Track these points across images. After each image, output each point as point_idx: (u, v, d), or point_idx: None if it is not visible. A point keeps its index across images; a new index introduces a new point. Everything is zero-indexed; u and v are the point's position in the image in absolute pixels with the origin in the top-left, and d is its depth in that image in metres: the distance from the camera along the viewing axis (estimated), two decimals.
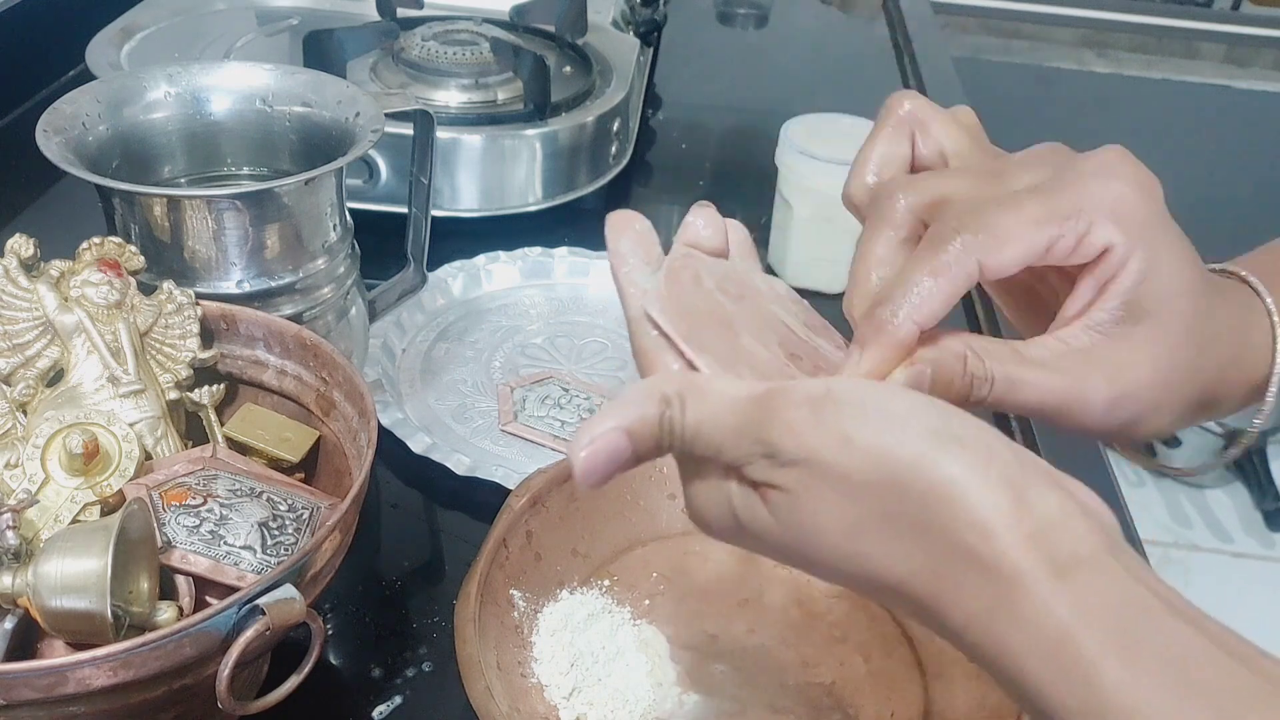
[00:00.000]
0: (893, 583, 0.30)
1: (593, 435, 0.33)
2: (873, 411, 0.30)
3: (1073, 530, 0.28)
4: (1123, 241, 0.34)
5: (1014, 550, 0.28)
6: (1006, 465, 0.29)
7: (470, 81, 0.89)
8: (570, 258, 0.85)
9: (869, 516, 0.30)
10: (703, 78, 1.30)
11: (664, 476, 0.60)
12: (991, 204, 0.35)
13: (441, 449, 0.65)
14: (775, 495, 0.31)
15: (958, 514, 0.28)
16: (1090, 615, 0.27)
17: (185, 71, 0.61)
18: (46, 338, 0.52)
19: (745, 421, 0.31)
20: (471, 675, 0.46)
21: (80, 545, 0.42)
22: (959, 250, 0.34)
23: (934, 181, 0.38)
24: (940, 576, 0.29)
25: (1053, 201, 0.34)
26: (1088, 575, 0.28)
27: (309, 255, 0.59)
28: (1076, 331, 0.35)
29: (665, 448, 0.33)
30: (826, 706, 0.51)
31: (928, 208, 0.37)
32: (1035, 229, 0.34)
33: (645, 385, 0.33)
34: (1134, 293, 0.35)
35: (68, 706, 0.39)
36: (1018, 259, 0.34)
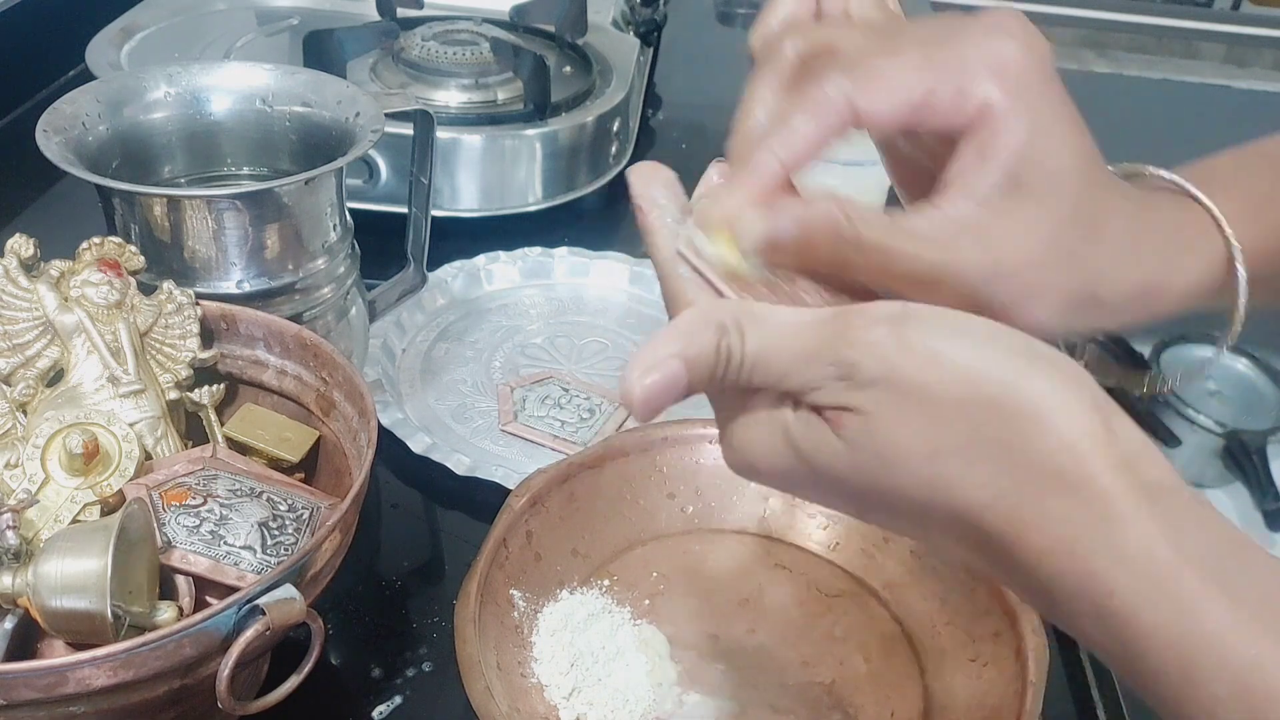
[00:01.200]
0: (969, 511, 0.29)
1: (650, 363, 0.31)
2: (959, 330, 0.29)
3: (1156, 460, 0.28)
4: (1002, 99, 0.32)
5: (1107, 473, 0.27)
6: (1094, 391, 0.28)
7: (470, 81, 0.89)
8: (570, 258, 0.85)
9: (954, 438, 0.28)
10: (703, 78, 1.30)
11: (663, 476, 0.60)
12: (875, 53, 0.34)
13: (441, 449, 0.65)
14: (849, 419, 0.29)
15: (1049, 434, 0.28)
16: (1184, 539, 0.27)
17: (185, 71, 0.61)
18: (46, 338, 0.52)
19: (815, 343, 0.30)
20: (471, 675, 0.46)
21: (80, 545, 0.42)
22: (831, 89, 0.33)
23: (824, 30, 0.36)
24: (1024, 500, 0.28)
25: (933, 51, 0.33)
26: (1177, 503, 0.28)
27: (309, 255, 0.59)
28: (955, 199, 0.33)
29: (719, 378, 0.31)
30: (826, 706, 0.51)
31: (814, 54, 0.35)
32: (911, 74, 0.33)
33: (698, 312, 0.31)
34: (1016, 160, 0.33)
35: (68, 706, 0.39)
36: (892, 104, 0.33)
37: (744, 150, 0.35)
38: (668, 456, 0.60)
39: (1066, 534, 0.28)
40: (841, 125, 0.33)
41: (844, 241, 0.33)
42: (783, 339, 0.30)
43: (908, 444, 0.29)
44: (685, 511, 0.60)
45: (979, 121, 0.33)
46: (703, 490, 0.60)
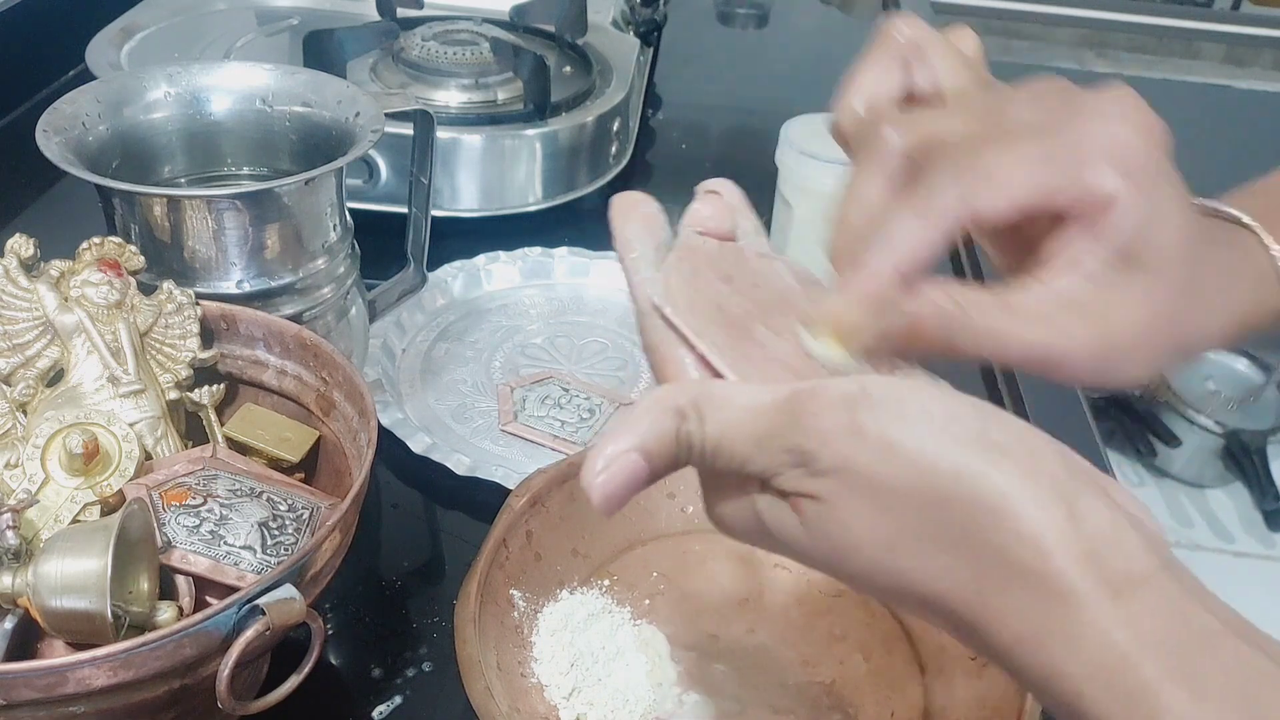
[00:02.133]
0: (933, 599, 0.29)
1: (607, 458, 0.31)
2: (912, 415, 0.28)
3: (1126, 547, 0.27)
4: (1124, 189, 0.32)
5: (1069, 569, 0.26)
6: (1055, 476, 0.27)
7: (470, 81, 0.89)
8: (570, 258, 0.85)
9: (909, 529, 0.28)
10: (703, 78, 1.30)
11: None
12: (987, 145, 0.32)
13: (441, 449, 0.65)
14: (808, 505, 0.29)
15: (1007, 529, 0.27)
16: (1150, 639, 0.26)
17: (185, 71, 0.61)
18: (46, 338, 0.52)
19: (772, 429, 0.29)
20: (471, 675, 0.46)
21: (80, 545, 0.42)
22: (949, 193, 0.32)
23: (928, 118, 0.35)
24: (986, 594, 0.27)
25: (1048, 143, 0.32)
26: (1145, 596, 0.26)
27: (309, 255, 0.59)
28: (1065, 279, 0.33)
29: (684, 463, 0.31)
30: (826, 706, 0.51)
31: (920, 147, 0.34)
32: (1028, 172, 0.32)
33: (657, 398, 0.31)
34: (1131, 242, 0.32)
35: (68, 706, 0.39)
36: (1013, 205, 0.32)
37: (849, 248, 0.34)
38: None
39: (1032, 630, 0.27)
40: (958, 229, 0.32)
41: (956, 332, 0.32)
42: (740, 424, 0.30)
43: (862, 533, 0.29)
44: (685, 511, 0.60)
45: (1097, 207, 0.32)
46: None
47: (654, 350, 0.34)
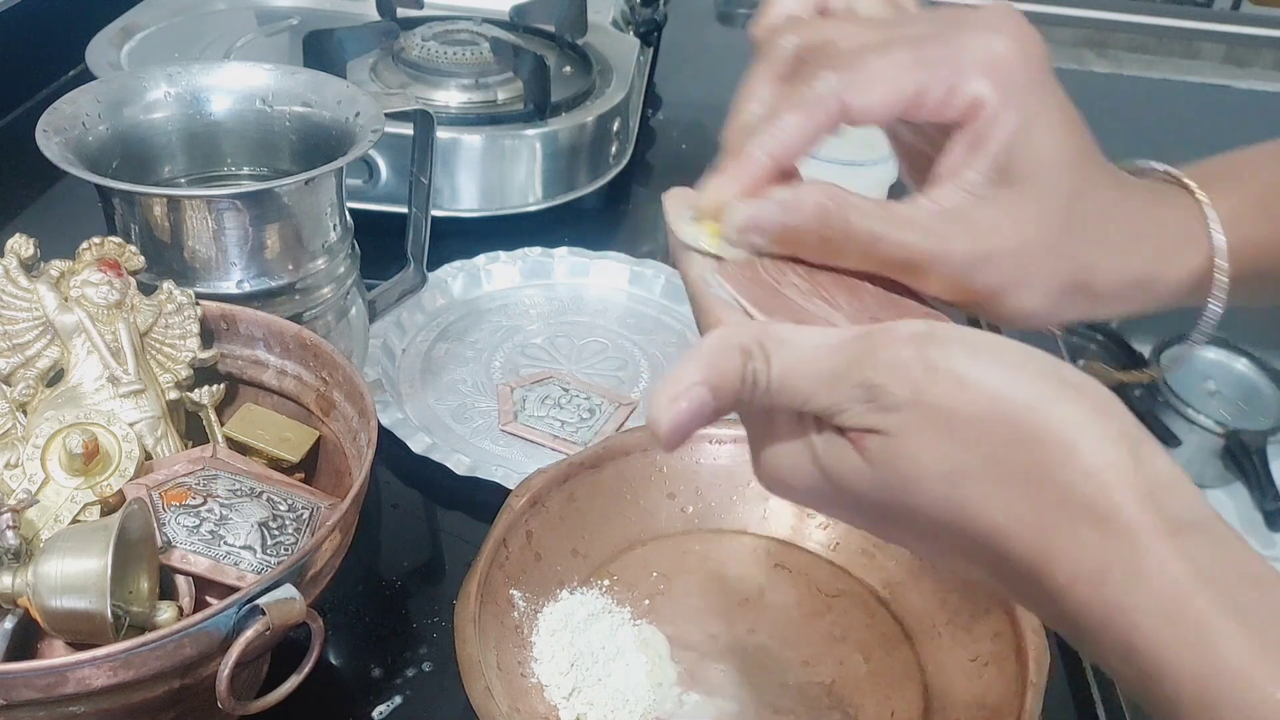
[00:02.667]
0: (994, 535, 0.29)
1: (676, 392, 0.31)
2: (985, 352, 0.29)
3: (1185, 492, 0.28)
4: (994, 97, 0.33)
5: (1132, 505, 0.27)
6: (1123, 419, 0.28)
7: (470, 81, 0.89)
8: (570, 258, 0.85)
9: (978, 461, 0.28)
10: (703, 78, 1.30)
11: (663, 476, 0.60)
12: (868, 49, 0.34)
13: (441, 449, 0.65)
14: (873, 440, 0.29)
15: (1075, 463, 0.27)
16: (1206, 574, 0.26)
17: (185, 71, 0.61)
18: (46, 338, 0.52)
19: (840, 365, 0.30)
20: (471, 675, 0.46)
21: (80, 545, 0.42)
22: (822, 87, 0.33)
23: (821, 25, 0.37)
24: (1048, 528, 0.28)
25: (925, 49, 0.33)
26: (1200, 537, 0.27)
27: (309, 255, 0.59)
28: (947, 190, 0.34)
29: (746, 402, 0.31)
30: (826, 706, 0.51)
31: (810, 49, 0.35)
32: (902, 71, 0.33)
33: (720, 336, 0.31)
34: (1005, 153, 0.33)
35: (68, 706, 0.39)
36: (881, 101, 0.33)
37: (736, 141, 0.35)
38: (668, 456, 0.60)
39: (1093, 566, 0.27)
40: (831, 122, 0.34)
41: (831, 228, 0.33)
42: (807, 362, 0.30)
43: (931, 465, 0.29)
44: (685, 511, 0.60)
45: (970, 116, 0.33)
46: (703, 490, 0.60)
47: (706, 314, 0.34)
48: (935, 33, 0.34)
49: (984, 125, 0.33)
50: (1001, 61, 0.33)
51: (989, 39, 0.33)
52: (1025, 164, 0.33)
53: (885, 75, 0.33)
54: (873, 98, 0.33)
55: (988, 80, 0.33)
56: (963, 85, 0.33)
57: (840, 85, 0.33)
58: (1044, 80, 0.34)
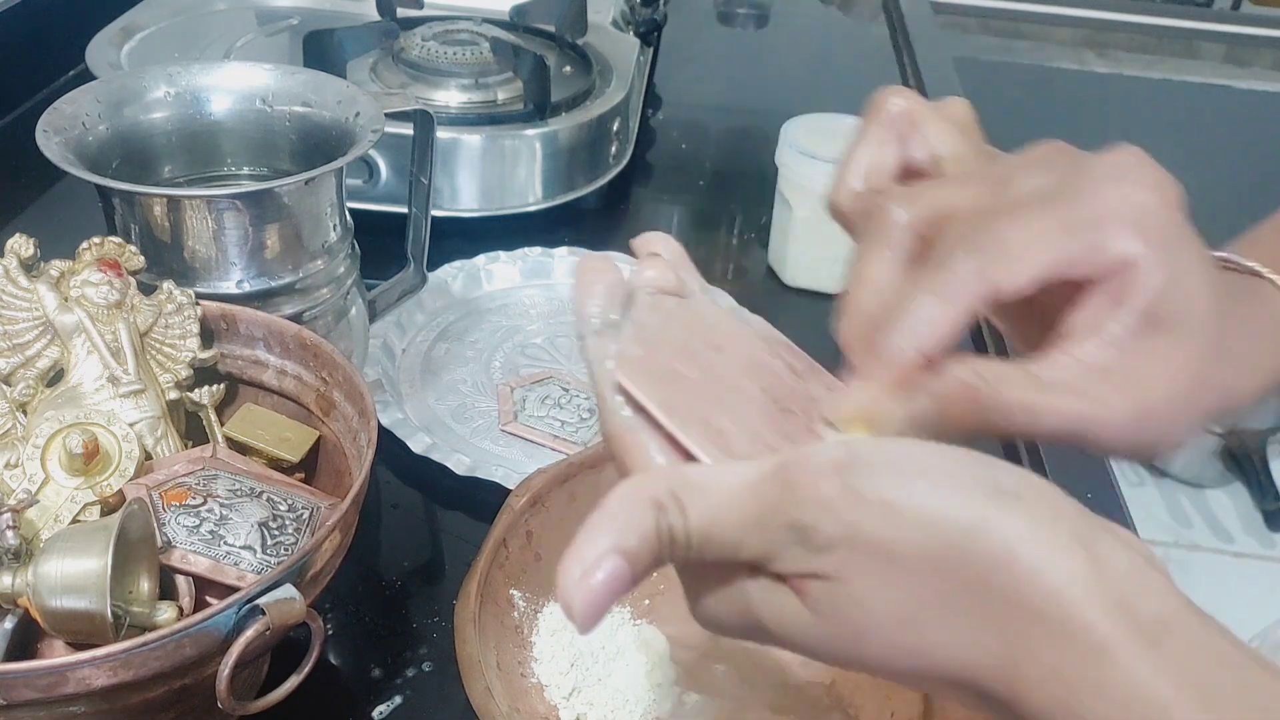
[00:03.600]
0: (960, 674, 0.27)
1: (586, 564, 0.28)
2: (910, 471, 0.27)
3: (1150, 588, 0.26)
4: (1144, 251, 0.31)
5: (1101, 621, 0.25)
6: (1071, 519, 0.26)
7: (470, 81, 0.89)
8: (570, 258, 0.85)
9: (928, 597, 0.26)
10: (703, 78, 1.30)
11: None
12: (999, 217, 0.31)
13: (441, 449, 0.65)
14: (814, 586, 0.27)
15: (1030, 581, 0.25)
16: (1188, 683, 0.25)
17: (185, 71, 0.61)
18: (46, 338, 0.52)
19: (764, 508, 0.27)
20: (471, 675, 0.46)
21: (80, 545, 0.42)
22: (967, 269, 0.31)
23: (933, 193, 0.34)
24: (1016, 657, 0.26)
25: (1062, 211, 0.31)
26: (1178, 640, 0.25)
27: (309, 255, 0.59)
28: (1092, 348, 0.31)
29: (666, 560, 0.29)
30: (826, 706, 0.51)
31: (928, 223, 0.33)
32: (1046, 242, 0.31)
33: (629, 491, 0.29)
34: (1155, 305, 0.31)
35: (68, 706, 0.39)
36: (1033, 278, 0.31)
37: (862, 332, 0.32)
38: None
39: (1067, 692, 0.25)
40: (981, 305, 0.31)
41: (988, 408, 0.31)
42: (727, 508, 0.28)
43: (880, 611, 0.27)
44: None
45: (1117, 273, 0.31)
46: None
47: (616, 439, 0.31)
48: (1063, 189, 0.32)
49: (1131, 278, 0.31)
50: (1145, 214, 0.31)
51: (1128, 192, 0.31)
52: (1174, 313, 0.31)
53: (1028, 248, 0.31)
54: (1021, 274, 0.31)
55: (1136, 235, 0.31)
56: (1110, 246, 0.31)
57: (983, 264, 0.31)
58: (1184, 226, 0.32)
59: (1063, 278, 0.31)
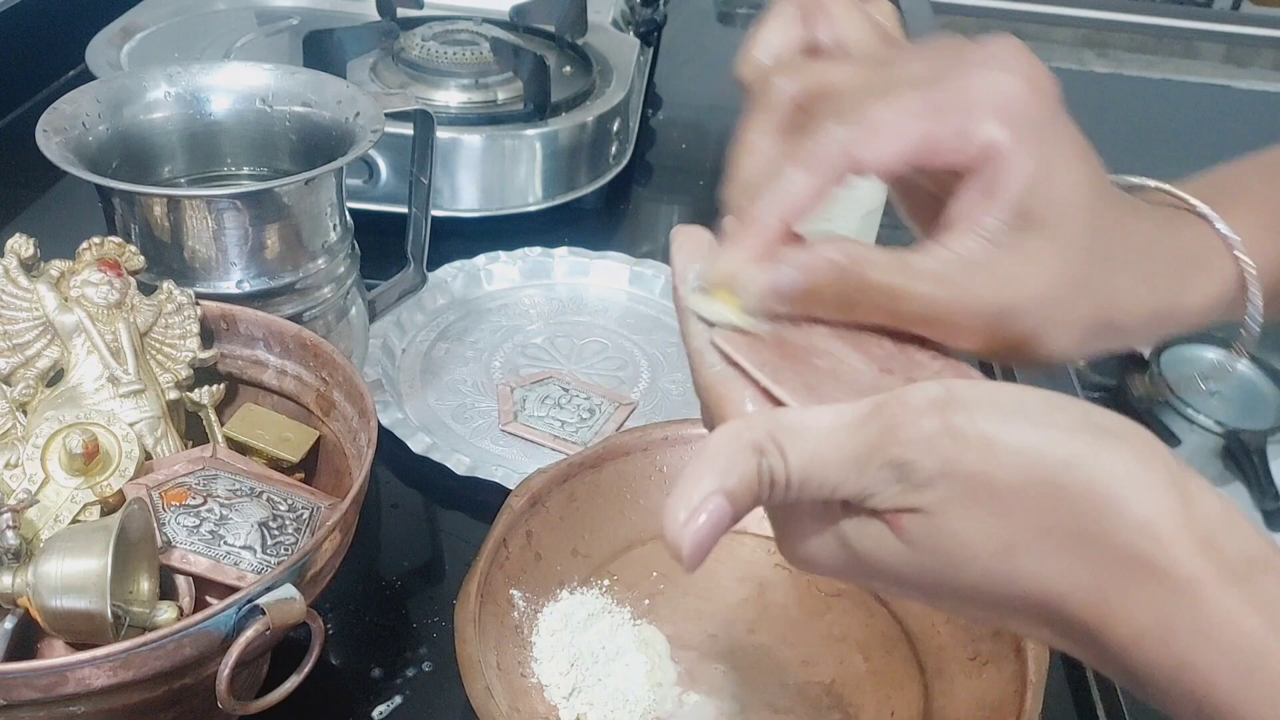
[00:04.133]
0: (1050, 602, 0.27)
1: (692, 506, 0.29)
2: (1011, 409, 0.27)
3: (1239, 531, 0.26)
4: (1008, 139, 0.31)
5: (1190, 556, 0.26)
6: (1167, 463, 0.27)
7: (470, 81, 0.89)
8: (570, 258, 0.85)
9: (1025, 530, 0.27)
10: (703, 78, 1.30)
11: (664, 476, 0.60)
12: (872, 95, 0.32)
13: (441, 449, 0.65)
14: (910, 521, 0.28)
15: (1126, 517, 0.26)
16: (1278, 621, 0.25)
17: (185, 71, 0.61)
18: (46, 338, 0.52)
19: (862, 447, 0.28)
20: (471, 675, 0.46)
21: (80, 545, 0.42)
22: (830, 142, 0.31)
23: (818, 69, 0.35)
24: (1106, 589, 0.26)
25: (932, 93, 0.31)
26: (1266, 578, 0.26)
27: (309, 255, 0.59)
28: (965, 239, 0.32)
29: (764, 500, 0.29)
30: (826, 706, 0.51)
31: (809, 95, 0.34)
32: (911, 121, 0.31)
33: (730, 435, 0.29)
34: (1024, 197, 0.31)
35: (68, 706, 0.39)
36: (891, 153, 0.31)
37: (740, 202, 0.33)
38: (668, 456, 0.60)
39: (1155, 623, 0.26)
40: (840, 177, 0.32)
41: (849, 286, 0.32)
42: (827, 449, 0.28)
43: (976, 541, 0.27)
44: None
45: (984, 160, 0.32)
46: None
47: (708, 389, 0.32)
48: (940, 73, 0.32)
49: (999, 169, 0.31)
50: (1014, 102, 0.31)
51: (998, 78, 0.31)
52: (1045, 207, 0.32)
53: (893, 125, 0.31)
54: (882, 150, 0.31)
55: (1000, 123, 0.31)
56: (975, 130, 0.31)
57: (847, 138, 0.31)
58: (1057, 118, 0.32)
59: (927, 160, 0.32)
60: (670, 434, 0.60)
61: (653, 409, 0.72)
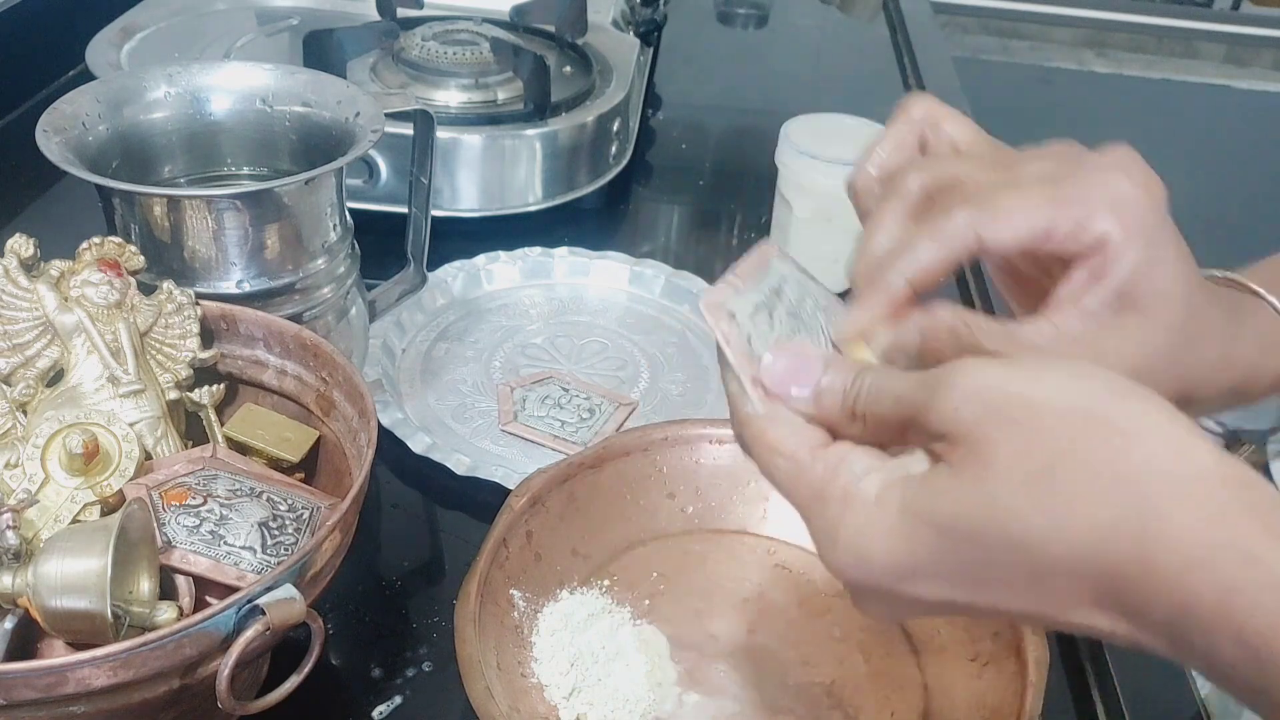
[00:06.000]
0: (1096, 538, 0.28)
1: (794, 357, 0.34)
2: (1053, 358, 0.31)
3: (1264, 483, 0.28)
4: (1120, 233, 0.35)
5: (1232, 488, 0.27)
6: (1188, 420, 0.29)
7: (470, 81, 0.89)
8: (570, 258, 0.85)
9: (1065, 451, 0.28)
10: (703, 78, 1.30)
11: (663, 476, 0.60)
12: (999, 187, 0.36)
13: (441, 449, 0.65)
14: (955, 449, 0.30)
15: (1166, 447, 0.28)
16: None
17: (185, 71, 0.61)
18: (46, 338, 0.52)
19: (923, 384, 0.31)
20: (471, 675, 0.46)
21: (80, 545, 0.42)
22: (958, 219, 0.35)
23: (946, 163, 0.39)
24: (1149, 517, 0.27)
25: (1056, 188, 0.35)
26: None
27: (309, 255, 0.59)
28: (1068, 317, 0.36)
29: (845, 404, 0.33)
30: (826, 706, 0.51)
31: (938, 186, 0.37)
32: (1035, 210, 0.35)
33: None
34: (1127, 284, 0.35)
35: (68, 706, 0.39)
36: (1016, 236, 0.35)
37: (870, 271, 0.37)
38: (668, 456, 0.60)
39: (1200, 551, 0.27)
40: (966, 253, 0.36)
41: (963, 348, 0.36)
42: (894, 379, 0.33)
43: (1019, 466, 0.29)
44: (685, 511, 0.60)
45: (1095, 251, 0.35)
46: (703, 490, 0.60)
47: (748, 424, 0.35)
48: (1060, 173, 0.36)
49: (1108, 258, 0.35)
50: (1127, 202, 0.35)
51: (1115, 180, 0.35)
52: (1145, 295, 0.36)
53: (1019, 212, 0.35)
54: (1006, 232, 0.35)
55: (1115, 218, 0.35)
56: (1091, 222, 0.35)
57: (977, 218, 0.35)
58: (1163, 220, 0.36)
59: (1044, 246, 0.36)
60: (670, 434, 0.60)
61: (653, 409, 0.72)
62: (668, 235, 0.97)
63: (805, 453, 0.33)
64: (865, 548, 0.32)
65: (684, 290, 0.82)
